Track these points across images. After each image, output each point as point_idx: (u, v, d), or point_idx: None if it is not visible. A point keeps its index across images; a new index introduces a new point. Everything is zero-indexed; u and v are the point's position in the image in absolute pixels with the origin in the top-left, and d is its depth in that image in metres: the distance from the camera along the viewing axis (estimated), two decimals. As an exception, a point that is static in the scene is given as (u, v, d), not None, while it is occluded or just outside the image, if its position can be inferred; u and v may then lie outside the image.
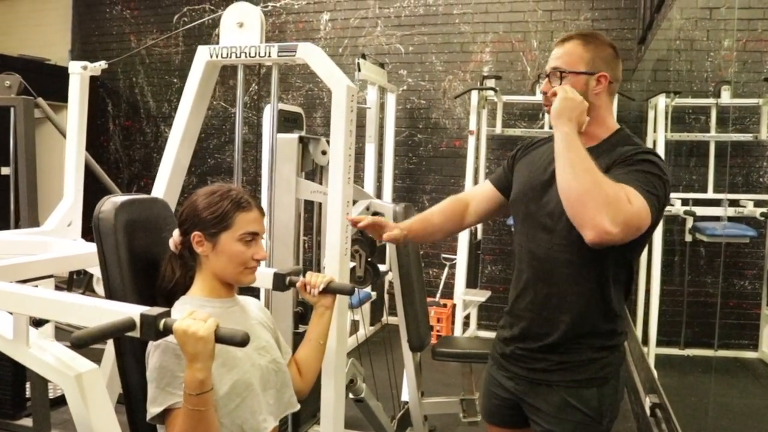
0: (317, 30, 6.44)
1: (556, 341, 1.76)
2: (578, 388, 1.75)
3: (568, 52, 1.74)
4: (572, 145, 1.59)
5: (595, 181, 1.53)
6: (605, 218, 1.49)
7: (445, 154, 6.16)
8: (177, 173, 2.47)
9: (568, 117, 1.63)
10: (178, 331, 1.35)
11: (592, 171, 1.54)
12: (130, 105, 7.29)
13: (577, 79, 1.72)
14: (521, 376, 1.85)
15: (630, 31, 5.57)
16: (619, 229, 1.50)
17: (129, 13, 7.24)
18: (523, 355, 1.84)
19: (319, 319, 1.90)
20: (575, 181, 1.55)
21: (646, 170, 1.60)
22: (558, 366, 1.77)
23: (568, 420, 1.75)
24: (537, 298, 1.79)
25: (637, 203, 1.54)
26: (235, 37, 2.33)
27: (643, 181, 1.58)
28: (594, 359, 1.75)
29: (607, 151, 1.71)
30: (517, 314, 1.86)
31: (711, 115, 5.17)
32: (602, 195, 1.51)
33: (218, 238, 1.61)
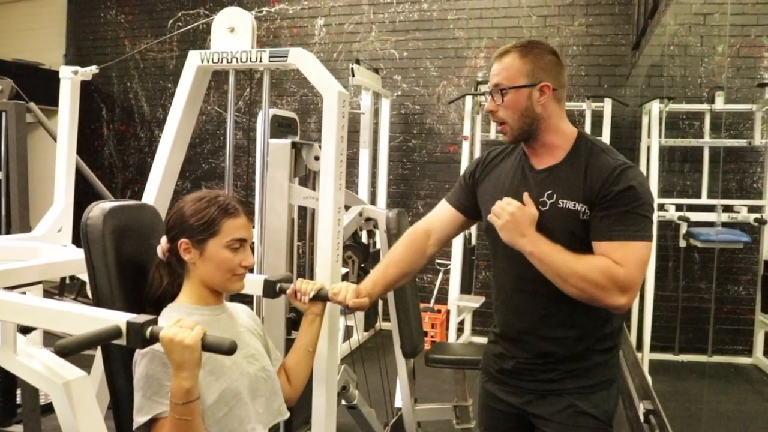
0: (312, 35, 6.43)
1: (565, 355, 1.74)
2: (589, 393, 1.74)
3: (506, 67, 1.70)
4: (542, 259, 1.62)
5: (582, 277, 1.58)
6: (609, 297, 1.58)
7: (439, 160, 6.16)
8: (168, 179, 2.46)
9: (520, 235, 1.64)
10: (164, 339, 1.34)
11: (573, 270, 1.59)
12: (124, 110, 7.27)
13: (519, 93, 1.69)
14: (528, 389, 1.81)
15: (624, 37, 5.58)
16: (627, 296, 1.58)
17: (124, 18, 7.23)
18: (529, 369, 1.80)
19: (309, 326, 1.88)
20: (567, 286, 1.61)
21: (629, 209, 1.60)
22: (567, 374, 1.75)
23: (580, 426, 1.74)
24: (534, 319, 1.76)
25: (629, 258, 1.58)
26: (227, 42, 2.32)
27: (633, 223, 1.60)
28: (600, 363, 1.76)
29: (577, 167, 1.68)
30: (514, 337, 1.82)
31: (705, 120, 5.18)
32: (593, 284, 1.58)
33: (205, 245, 1.60)
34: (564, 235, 1.65)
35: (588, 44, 5.71)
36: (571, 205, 1.65)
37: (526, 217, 1.64)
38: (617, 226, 1.60)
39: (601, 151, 1.69)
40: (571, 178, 1.67)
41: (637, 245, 1.59)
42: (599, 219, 1.62)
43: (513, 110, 1.70)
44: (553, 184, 1.70)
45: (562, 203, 1.66)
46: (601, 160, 1.67)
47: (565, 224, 1.66)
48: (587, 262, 1.59)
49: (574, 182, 1.65)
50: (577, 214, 1.65)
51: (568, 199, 1.66)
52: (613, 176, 1.62)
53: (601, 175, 1.63)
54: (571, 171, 1.68)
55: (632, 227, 1.59)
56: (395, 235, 3.14)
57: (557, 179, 1.70)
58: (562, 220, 1.66)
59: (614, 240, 1.59)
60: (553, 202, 1.68)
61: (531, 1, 5.85)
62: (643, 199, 1.61)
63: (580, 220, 1.64)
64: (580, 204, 1.64)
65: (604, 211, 1.61)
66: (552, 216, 1.67)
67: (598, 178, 1.63)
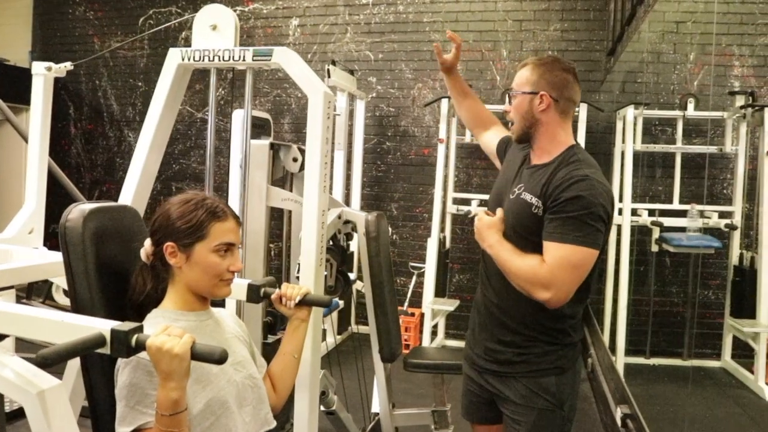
0: (286, 35, 6.37)
1: (512, 339, 1.99)
2: (537, 377, 1.96)
3: (519, 76, 1.99)
4: (494, 256, 1.94)
5: (515, 273, 1.88)
6: (535, 291, 1.83)
7: (413, 162, 6.13)
8: (145, 180, 2.39)
9: (482, 240, 1.97)
10: (151, 347, 1.29)
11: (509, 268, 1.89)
12: (92, 108, 7.12)
13: (523, 98, 1.96)
14: (490, 370, 2.05)
15: (599, 43, 5.62)
16: (550, 292, 1.81)
17: (93, 15, 7.07)
18: (490, 352, 2.04)
19: (294, 332, 1.84)
20: (510, 279, 1.91)
21: (574, 215, 1.81)
22: (519, 358, 1.98)
23: (532, 407, 1.96)
24: (495, 300, 2.03)
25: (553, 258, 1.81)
26: (208, 40, 2.26)
27: (571, 229, 1.81)
28: (548, 351, 1.97)
29: (549, 170, 1.92)
30: (478, 315, 2.11)
31: (677, 127, 5.24)
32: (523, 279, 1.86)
33: (192, 249, 1.55)
34: (515, 219, 1.94)
35: (563, 49, 5.73)
36: (528, 198, 1.91)
37: (484, 225, 1.96)
38: (558, 229, 1.82)
39: (576, 161, 1.91)
40: (539, 178, 1.93)
41: (567, 248, 1.80)
42: (548, 221, 1.85)
43: (516, 112, 1.98)
44: (529, 179, 1.96)
45: (523, 195, 1.94)
46: (569, 168, 1.88)
47: (519, 211, 1.94)
48: (519, 262, 1.87)
49: (539, 181, 1.91)
50: (530, 206, 1.90)
51: (529, 192, 1.92)
52: (566, 184, 1.84)
53: (557, 180, 1.86)
54: (544, 173, 1.93)
55: (570, 232, 1.80)
56: (374, 238, 3.11)
57: (533, 176, 1.96)
58: (519, 208, 1.94)
59: (551, 241, 1.83)
60: (519, 192, 1.96)
61: (507, 6, 5.86)
62: (589, 209, 1.80)
63: (532, 212, 1.89)
64: (535, 198, 1.89)
65: (552, 215, 1.84)
66: (513, 203, 1.96)
67: (555, 182, 1.87)
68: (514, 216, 1.94)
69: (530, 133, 1.98)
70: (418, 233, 6.09)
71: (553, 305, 1.83)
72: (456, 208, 5.67)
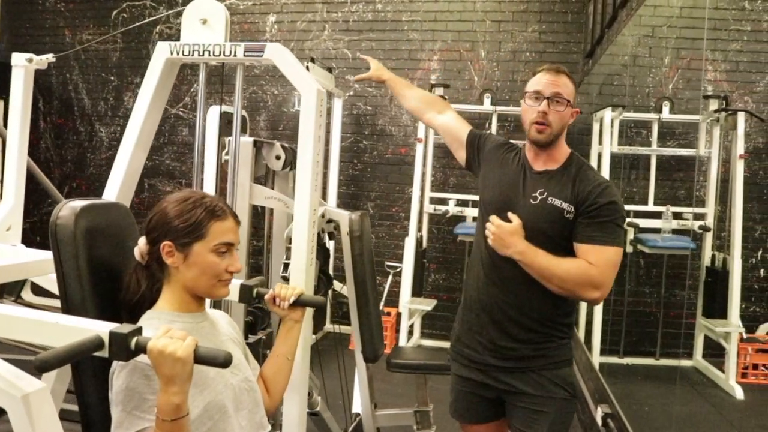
0: (263, 32, 6.30)
1: (530, 337, 2.05)
2: (555, 369, 2.05)
3: (566, 84, 2.03)
4: (528, 264, 1.96)
5: (561, 278, 1.94)
6: (585, 292, 1.95)
7: (390, 161, 6.12)
8: (130, 177, 2.34)
9: (505, 248, 1.98)
10: (153, 351, 1.25)
11: (554, 272, 1.94)
12: (63, 102, 6.97)
13: (568, 108, 2.03)
14: (504, 368, 2.07)
15: (576, 45, 5.66)
16: (600, 291, 1.95)
17: (64, 6, 6.92)
18: (502, 349, 2.07)
19: (287, 333, 1.81)
20: (550, 284, 1.96)
21: (609, 219, 1.96)
22: (537, 352, 2.04)
23: (553, 397, 2.03)
24: (510, 300, 2.05)
25: (602, 259, 1.93)
26: (198, 34, 2.21)
27: (610, 232, 1.95)
28: (561, 345, 2.08)
29: (568, 176, 2.03)
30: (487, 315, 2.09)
31: (653, 129, 5.30)
32: (572, 282, 1.94)
33: (190, 248, 1.51)
34: (546, 224, 1.99)
35: (541, 51, 5.76)
36: (557, 203, 1.99)
37: (506, 233, 1.98)
38: (597, 232, 1.95)
39: (589, 168, 2.08)
40: (561, 183, 2.02)
41: (610, 249, 1.95)
42: (584, 225, 1.96)
43: (561, 119, 2.02)
44: (547, 184, 2.04)
45: (551, 200, 2.00)
46: (590, 175, 2.03)
47: (548, 216, 2.00)
48: (566, 266, 1.94)
49: (564, 187, 2.01)
50: (562, 211, 1.98)
51: (557, 198, 2.00)
52: (599, 190, 1.97)
53: (587, 186, 1.99)
54: (562, 178, 2.04)
55: (609, 235, 1.95)
56: (358, 237, 3.08)
57: (551, 182, 2.04)
58: (548, 213, 2.00)
59: (593, 243, 1.94)
60: (543, 198, 2.02)
61: (486, 6, 5.87)
62: (621, 213, 1.99)
63: (564, 217, 1.98)
64: (566, 204, 1.98)
65: (589, 219, 1.96)
66: (539, 208, 2.01)
67: (585, 188, 1.98)
68: (545, 221, 2.00)
69: (556, 140, 2.05)
70: (394, 232, 6.08)
71: (597, 303, 2.02)
72: (433, 208, 5.67)
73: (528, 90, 2.06)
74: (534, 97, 2.03)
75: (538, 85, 2.04)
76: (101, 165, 6.79)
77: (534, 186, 2.05)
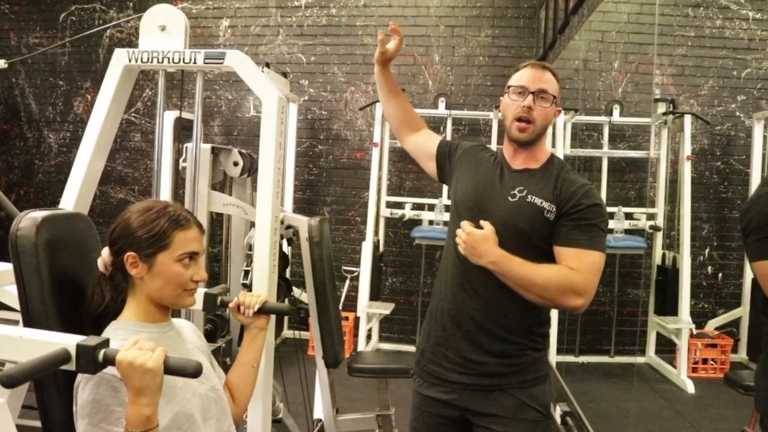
0: (216, 36, 6.24)
1: (502, 349, 1.89)
2: (529, 387, 1.90)
3: (550, 80, 1.91)
4: (504, 273, 1.81)
5: (542, 287, 1.78)
6: (568, 300, 1.79)
7: (346, 166, 6.12)
8: (88, 185, 2.30)
9: (477, 257, 1.82)
10: (122, 362, 1.24)
11: (532, 281, 1.79)
12: (8, 107, 6.78)
13: (553, 104, 1.92)
14: (470, 385, 1.91)
15: (529, 50, 5.75)
16: (583, 298, 1.78)
17: (8, 8, 6.74)
18: (471, 364, 1.91)
19: (252, 341, 1.80)
20: (528, 294, 1.80)
21: (594, 223, 1.83)
22: (509, 369, 1.89)
23: (523, 419, 1.88)
24: (481, 308, 1.90)
25: (585, 264, 1.79)
26: (157, 41, 2.19)
27: (594, 235, 1.82)
28: (537, 359, 1.93)
29: (549, 176, 1.91)
30: (455, 326, 1.94)
31: (604, 132, 5.42)
32: (553, 291, 1.78)
33: (154, 258, 1.49)
34: (525, 223, 1.85)
35: (494, 55, 5.84)
36: (538, 202, 1.85)
37: (478, 240, 1.81)
38: (580, 235, 1.81)
39: (570, 170, 1.95)
40: (542, 182, 1.89)
41: (594, 254, 1.81)
42: (567, 227, 1.83)
43: (546, 116, 1.91)
44: (527, 182, 1.90)
45: (531, 198, 1.87)
46: (571, 176, 1.91)
47: (528, 215, 1.85)
48: (546, 272, 1.79)
49: (545, 186, 1.88)
50: (542, 210, 1.84)
51: (537, 196, 1.86)
52: (582, 191, 1.85)
53: (570, 187, 1.86)
54: (543, 177, 1.91)
55: (593, 239, 1.81)
56: (318, 242, 3.08)
57: (531, 180, 1.91)
58: (527, 211, 1.86)
59: (576, 247, 1.80)
60: (523, 196, 1.88)
61: (439, 11, 5.93)
62: (605, 217, 1.87)
63: (544, 216, 1.84)
64: (547, 203, 1.84)
65: (572, 221, 1.82)
66: (518, 206, 1.87)
67: (568, 188, 1.86)
68: (524, 220, 1.86)
69: (539, 138, 1.94)
70: (350, 237, 6.08)
71: (580, 311, 1.81)
72: (389, 212, 5.69)
73: (512, 84, 1.93)
74: (518, 91, 1.90)
75: (522, 79, 1.90)
76: (50, 172, 6.63)
77: (512, 183, 1.91)
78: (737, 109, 5.52)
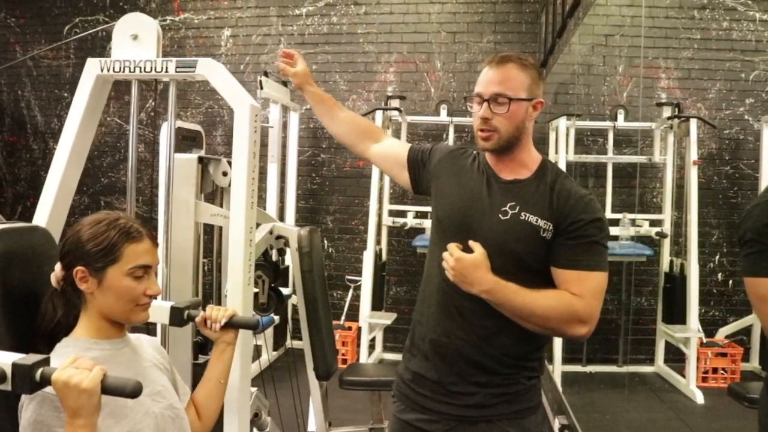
0: (218, 46, 6.24)
1: (489, 380, 1.72)
2: (519, 419, 1.72)
3: (509, 77, 1.68)
4: (500, 304, 1.64)
5: (542, 317, 1.62)
6: (571, 329, 1.63)
7: (348, 174, 6.08)
8: (63, 196, 2.26)
9: (469, 285, 1.64)
10: (57, 382, 1.19)
11: (532, 311, 1.62)
12: (14, 119, 6.82)
13: (519, 105, 1.68)
14: (454, 415, 1.74)
15: (531, 55, 5.67)
16: (588, 326, 1.63)
17: (14, 22, 6.79)
18: (455, 395, 1.74)
19: (220, 355, 1.74)
20: (527, 324, 1.64)
21: (595, 240, 1.65)
22: (498, 399, 1.71)
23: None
24: (468, 338, 1.72)
25: (588, 289, 1.63)
26: (129, 50, 2.16)
27: (596, 254, 1.65)
28: (530, 387, 1.75)
29: (543, 186, 1.71)
30: (439, 357, 1.77)
31: (608, 137, 5.33)
32: (555, 320, 1.63)
33: (104, 273, 1.44)
34: (519, 244, 1.67)
35: (496, 61, 5.77)
36: (533, 220, 1.66)
37: (469, 267, 1.63)
38: (581, 255, 1.64)
39: (566, 177, 1.75)
40: (536, 196, 1.69)
41: (598, 276, 1.65)
42: (566, 247, 1.65)
43: (511, 121, 1.68)
44: (518, 196, 1.71)
45: (524, 216, 1.68)
46: (567, 185, 1.70)
47: (521, 235, 1.67)
48: (546, 301, 1.62)
49: (540, 200, 1.68)
50: (538, 230, 1.66)
51: (532, 213, 1.67)
52: (582, 204, 1.67)
53: (569, 200, 1.67)
54: (537, 189, 1.70)
55: (595, 257, 1.65)
56: (307, 253, 3.04)
57: (523, 193, 1.71)
58: (521, 232, 1.67)
59: (577, 269, 1.63)
60: (515, 213, 1.69)
61: (441, 18, 5.88)
62: (606, 232, 1.69)
63: (540, 236, 1.66)
64: (543, 221, 1.66)
65: (572, 240, 1.64)
66: (510, 225, 1.68)
67: (566, 202, 1.67)
68: (517, 240, 1.67)
69: (514, 144, 1.71)
70: (354, 246, 6.03)
71: (584, 338, 1.67)
72: (392, 221, 5.63)
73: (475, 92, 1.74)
74: (477, 101, 1.71)
75: (479, 84, 1.72)
76: (55, 183, 6.65)
77: (503, 198, 1.71)
78: (746, 113, 5.41)
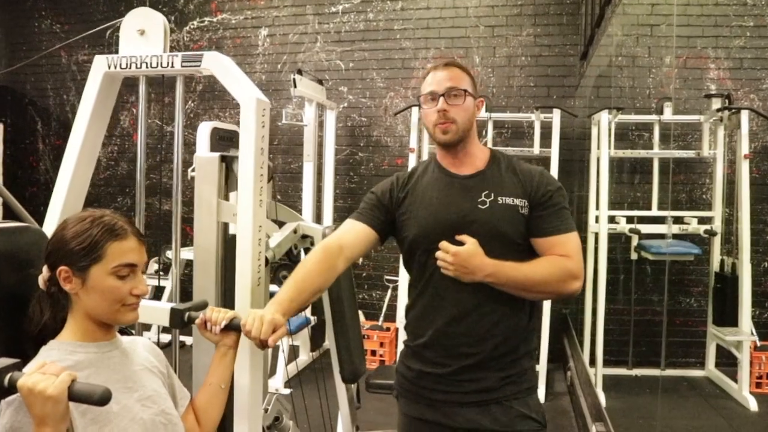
0: (255, 46, 6.22)
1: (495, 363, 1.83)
2: (526, 397, 1.86)
3: (459, 76, 1.88)
4: (502, 284, 1.77)
5: (543, 282, 1.78)
6: (568, 286, 1.79)
7: (387, 173, 5.98)
8: (74, 197, 2.23)
9: (471, 275, 1.76)
10: (23, 389, 1.13)
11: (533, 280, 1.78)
12: (61, 124, 6.95)
13: (471, 99, 1.89)
14: (465, 402, 1.84)
15: (572, 47, 5.50)
16: (580, 280, 1.81)
17: (59, 28, 6.92)
18: (463, 381, 1.84)
19: (220, 359, 1.68)
20: (531, 294, 1.82)
21: (563, 205, 1.86)
22: (504, 381, 1.84)
23: (524, 431, 1.83)
24: (473, 342, 1.83)
25: (572, 248, 1.82)
26: (136, 46, 2.11)
27: (567, 217, 1.85)
28: (529, 368, 1.91)
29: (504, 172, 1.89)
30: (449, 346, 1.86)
31: (654, 131, 5.12)
32: (554, 283, 1.78)
33: (88, 272, 1.38)
34: (506, 225, 1.82)
35: (536, 54, 5.61)
36: (510, 201, 1.83)
37: (467, 258, 1.75)
38: (556, 222, 1.83)
39: (518, 160, 1.95)
40: (504, 180, 1.87)
41: (573, 236, 1.84)
42: (543, 217, 1.82)
43: (466, 112, 1.87)
44: (488, 185, 1.86)
45: (501, 200, 1.83)
46: (524, 166, 1.92)
47: (505, 216, 1.82)
48: (543, 268, 1.79)
49: (509, 183, 1.86)
50: (516, 208, 1.83)
51: (507, 196, 1.84)
52: (545, 178, 1.87)
53: (534, 177, 1.87)
54: (501, 175, 1.89)
55: (567, 221, 1.85)
56: (333, 252, 2.95)
57: (490, 181, 1.87)
58: (505, 214, 1.82)
59: (558, 234, 1.82)
60: (492, 200, 1.84)
61: (478, 11, 5.74)
62: (566, 196, 1.89)
63: (520, 214, 1.83)
64: (519, 200, 1.83)
65: (544, 210, 1.83)
66: (493, 211, 1.83)
67: (532, 179, 1.86)
68: (504, 223, 1.82)
69: (467, 136, 1.90)
70: (393, 245, 5.90)
71: (577, 293, 1.83)
72: (430, 219, 5.52)
73: (422, 93, 1.90)
74: (429, 98, 1.88)
75: (430, 85, 1.88)
76: (99, 185, 6.73)
77: (473, 191, 1.86)
78: (802, 103, 5.14)
